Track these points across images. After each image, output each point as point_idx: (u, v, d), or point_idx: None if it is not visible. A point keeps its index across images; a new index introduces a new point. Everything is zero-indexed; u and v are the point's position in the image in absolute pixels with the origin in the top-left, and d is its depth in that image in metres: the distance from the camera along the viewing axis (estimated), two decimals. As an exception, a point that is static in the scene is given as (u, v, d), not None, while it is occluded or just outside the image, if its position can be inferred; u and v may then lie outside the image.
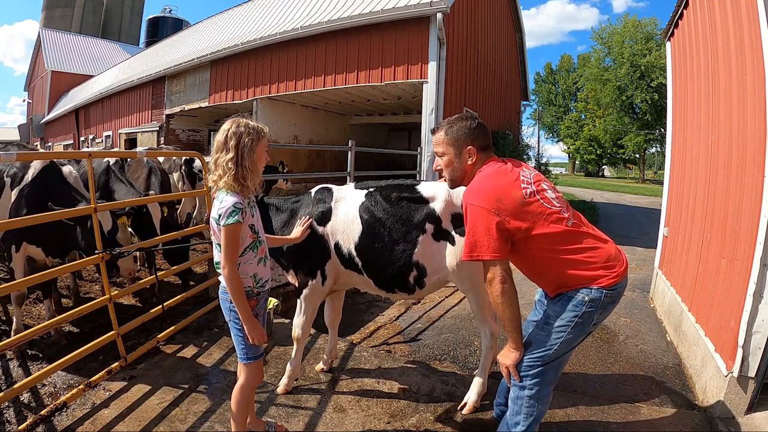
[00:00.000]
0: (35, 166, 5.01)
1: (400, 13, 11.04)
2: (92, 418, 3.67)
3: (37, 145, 33.13)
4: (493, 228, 2.72)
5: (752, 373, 3.71)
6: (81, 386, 4.04)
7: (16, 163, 5.16)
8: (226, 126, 2.96)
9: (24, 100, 46.91)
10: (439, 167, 3.12)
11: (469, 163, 3.00)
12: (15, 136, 43.44)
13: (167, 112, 19.86)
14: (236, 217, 2.84)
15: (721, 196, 4.73)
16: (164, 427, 3.60)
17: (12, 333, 4.97)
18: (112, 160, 6.83)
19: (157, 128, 20.49)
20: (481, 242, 2.75)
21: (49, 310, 5.27)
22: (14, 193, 4.97)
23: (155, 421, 3.66)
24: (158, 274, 5.12)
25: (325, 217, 3.98)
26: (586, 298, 2.78)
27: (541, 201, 2.80)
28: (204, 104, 17.07)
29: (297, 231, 3.91)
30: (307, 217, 3.97)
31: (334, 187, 4.20)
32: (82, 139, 30.60)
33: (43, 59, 42.03)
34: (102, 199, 5.71)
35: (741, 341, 3.72)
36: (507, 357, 2.99)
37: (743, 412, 3.78)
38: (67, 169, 5.19)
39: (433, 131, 3.12)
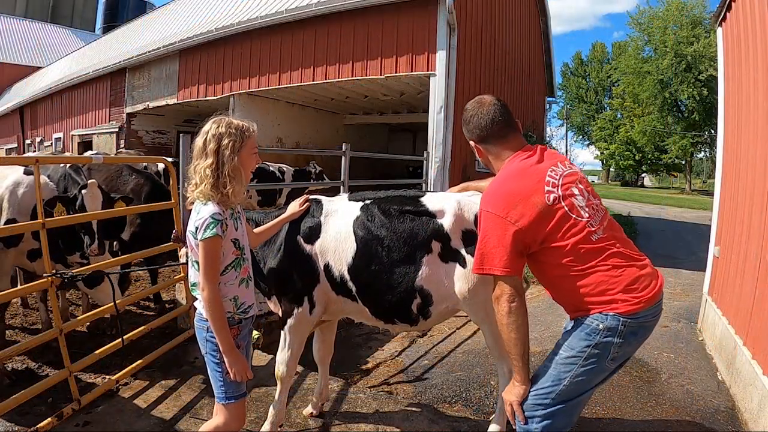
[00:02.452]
0: None
1: (402, -7, 11.10)
2: (39, 471, 3.68)
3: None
4: (507, 239, 2.74)
5: (818, 418, 3.72)
6: (25, 435, 4.04)
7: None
8: (206, 128, 2.99)
9: (-42, 96, 47.07)
10: None
11: (484, 159, 3.09)
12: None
13: (128, 110, 19.93)
14: (215, 229, 2.86)
15: (781, 209, 4.74)
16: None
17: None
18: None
19: (117, 129, 20.55)
20: (492, 255, 2.78)
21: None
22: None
23: (113, 476, 3.67)
24: (117, 302, 5.13)
25: (313, 234, 3.99)
26: (600, 326, 2.75)
27: (567, 209, 2.79)
28: (172, 101, 17.14)
29: (294, 205, 3.93)
30: (305, 196, 4.00)
31: (324, 199, 4.21)
32: (28, 142, 30.63)
33: (-20, 48, 42.19)
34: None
35: (805, 380, 3.73)
36: (511, 393, 2.99)
37: (808, 464, 3.79)
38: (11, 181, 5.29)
39: None
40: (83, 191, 5.41)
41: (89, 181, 5.53)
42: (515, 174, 2.90)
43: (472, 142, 3.09)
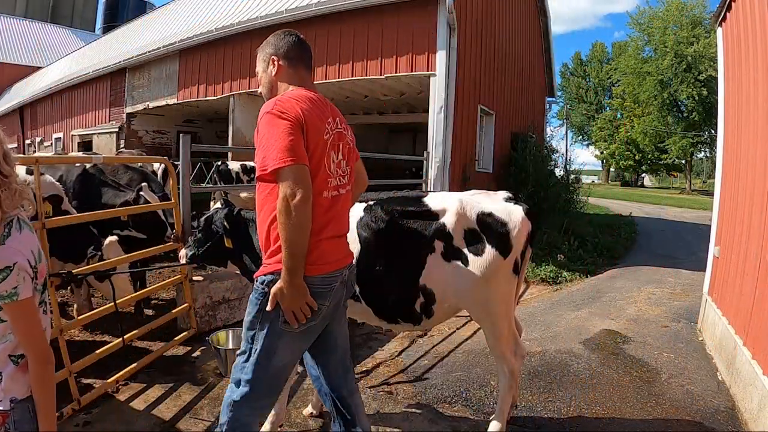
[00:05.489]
0: None
1: (402, -6, 11.11)
2: (39, 471, 3.67)
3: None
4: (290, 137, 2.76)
5: (819, 418, 3.72)
6: (26, 434, 4.04)
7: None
8: None
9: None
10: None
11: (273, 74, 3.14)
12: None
13: (128, 110, 19.94)
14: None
15: (781, 209, 4.75)
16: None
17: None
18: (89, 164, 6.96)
19: (117, 129, 20.55)
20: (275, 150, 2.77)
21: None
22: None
23: (114, 476, 3.67)
24: (118, 302, 5.13)
25: (315, 235, 3.98)
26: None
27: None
28: (172, 101, 17.15)
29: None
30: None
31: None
32: (28, 142, 30.65)
33: (-20, 48, 42.21)
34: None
35: (805, 380, 3.73)
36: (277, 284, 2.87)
37: (808, 464, 3.79)
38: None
39: None
40: (141, 192, 5.51)
41: (142, 184, 5.68)
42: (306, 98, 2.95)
43: (276, 57, 3.13)
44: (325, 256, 2.90)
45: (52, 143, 26.82)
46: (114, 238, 5.24)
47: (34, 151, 27.19)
